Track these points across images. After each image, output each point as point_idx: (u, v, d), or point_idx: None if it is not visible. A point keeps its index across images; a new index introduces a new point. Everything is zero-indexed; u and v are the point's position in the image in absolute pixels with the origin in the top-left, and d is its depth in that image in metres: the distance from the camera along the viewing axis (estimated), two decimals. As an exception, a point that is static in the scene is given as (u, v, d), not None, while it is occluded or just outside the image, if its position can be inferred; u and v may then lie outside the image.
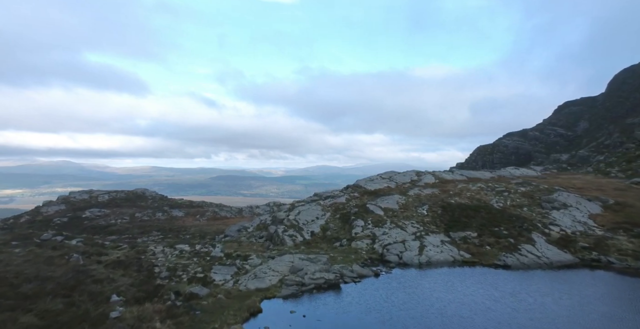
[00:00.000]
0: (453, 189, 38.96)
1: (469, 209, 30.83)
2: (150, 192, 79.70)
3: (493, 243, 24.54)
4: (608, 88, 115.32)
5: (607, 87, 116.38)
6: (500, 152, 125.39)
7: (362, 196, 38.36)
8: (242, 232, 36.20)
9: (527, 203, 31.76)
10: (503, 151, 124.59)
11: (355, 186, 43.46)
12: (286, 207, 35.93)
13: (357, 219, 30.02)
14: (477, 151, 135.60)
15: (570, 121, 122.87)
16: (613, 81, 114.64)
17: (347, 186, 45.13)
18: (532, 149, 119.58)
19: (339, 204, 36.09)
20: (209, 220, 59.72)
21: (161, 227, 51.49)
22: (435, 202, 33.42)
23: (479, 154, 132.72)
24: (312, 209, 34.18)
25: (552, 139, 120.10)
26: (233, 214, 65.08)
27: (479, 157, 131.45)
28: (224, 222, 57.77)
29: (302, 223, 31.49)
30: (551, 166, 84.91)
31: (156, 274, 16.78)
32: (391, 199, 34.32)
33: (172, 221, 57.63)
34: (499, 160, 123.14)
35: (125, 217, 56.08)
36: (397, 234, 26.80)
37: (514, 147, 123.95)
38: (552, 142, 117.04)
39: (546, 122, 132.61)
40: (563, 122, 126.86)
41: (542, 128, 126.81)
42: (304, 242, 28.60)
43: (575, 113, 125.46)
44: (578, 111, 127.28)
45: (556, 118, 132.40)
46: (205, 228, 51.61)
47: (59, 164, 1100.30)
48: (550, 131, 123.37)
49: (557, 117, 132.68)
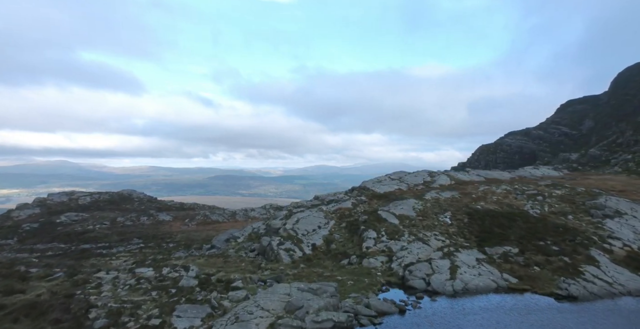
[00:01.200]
0: (474, 192, 33.83)
1: (501, 217, 25.68)
2: (138, 193, 74.30)
3: (542, 262, 19.38)
4: (612, 86, 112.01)
5: (612, 86, 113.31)
6: (503, 152, 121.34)
7: (371, 200, 33.19)
8: (231, 242, 30.94)
9: (570, 210, 26.63)
10: (506, 150, 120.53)
11: (361, 188, 38.25)
12: (282, 213, 30.67)
13: (368, 230, 24.79)
14: (479, 150, 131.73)
15: (574, 120, 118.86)
16: (617, 79, 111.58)
17: (353, 188, 39.92)
18: (536, 148, 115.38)
19: (344, 210, 30.87)
20: (199, 225, 54.42)
21: (144, 233, 46.17)
22: (459, 208, 28.26)
23: (482, 153, 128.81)
24: (313, 217, 28.97)
25: (557, 138, 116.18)
26: (225, 217, 59.80)
27: (481, 156, 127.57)
28: (215, 227, 52.49)
29: (302, 234, 26.29)
30: (560, 166, 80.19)
31: (88, 324, 11.54)
32: (406, 205, 29.14)
33: (157, 226, 52.30)
34: (502, 160, 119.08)
35: (106, 222, 50.71)
36: (418, 249, 21.61)
37: (517, 146, 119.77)
38: (557, 141, 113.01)
39: (549, 121, 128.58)
40: (567, 121, 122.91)
41: (545, 127, 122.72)
42: (304, 258, 23.37)
43: (579, 112, 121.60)
44: (582, 110, 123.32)
45: (560, 117, 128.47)
46: (193, 234, 46.34)
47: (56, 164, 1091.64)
48: (555, 130, 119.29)
49: (561, 116, 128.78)
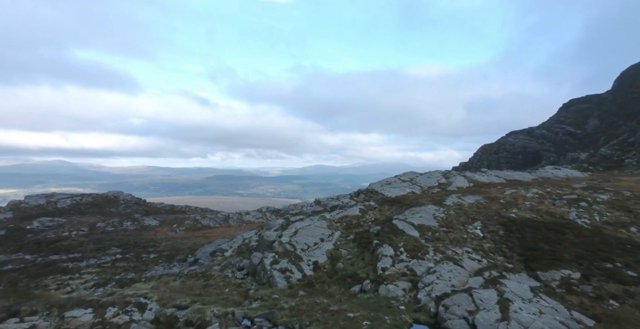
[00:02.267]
0: (501, 196, 29.11)
1: (544, 229, 20.95)
2: (125, 195, 69.34)
3: (620, 294, 14.64)
4: (617, 85, 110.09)
5: (615, 84, 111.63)
6: (506, 151, 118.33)
7: (382, 206, 28.43)
8: (217, 257, 26.10)
9: (628, 220, 21.86)
10: (509, 150, 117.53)
11: (369, 191, 33.48)
12: (278, 223, 25.82)
13: (382, 245, 19.99)
14: (481, 150, 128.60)
15: (578, 119, 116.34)
16: (621, 78, 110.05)
17: (359, 191, 35.15)
18: (540, 148, 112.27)
19: (351, 218, 26.11)
20: (187, 231, 49.57)
21: (124, 241, 41.30)
22: (489, 216, 23.55)
23: (484, 153, 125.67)
24: (315, 227, 24.18)
25: (561, 137, 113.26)
26: (218, 222, 54.96)
27: (483, 156, 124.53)
28: (205, 233, 47.67)
29: (301, 249, 21.49)
30: (569, 166, 76.49)
31: None
32: (425, 212, 24.40)
33: (141, 232, 47.42)
34: (505, 160, 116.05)
35: (84, 228, 45.80)
36: (450, 272, 16.87)
37: (520, 146, 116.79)
38: (561, 141, 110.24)
39: (553, 120, 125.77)
40: (571, 120, 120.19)
41: (549, 126, 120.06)
42: (304, 281, 18.56)
43: (583, 111, 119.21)
44: (586, 109, 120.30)
45: (563, 116, 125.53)
46: (179, 243, 41.52)
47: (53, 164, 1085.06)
48: (559, 129, 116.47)
49: (565, 115, 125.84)
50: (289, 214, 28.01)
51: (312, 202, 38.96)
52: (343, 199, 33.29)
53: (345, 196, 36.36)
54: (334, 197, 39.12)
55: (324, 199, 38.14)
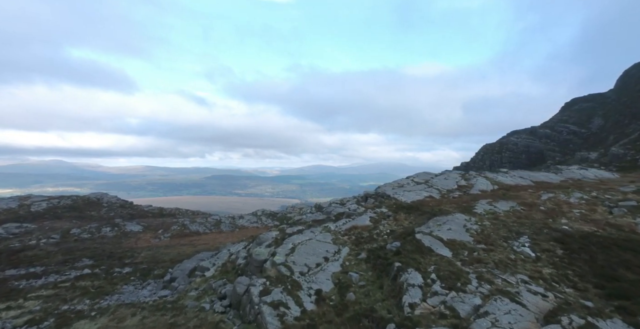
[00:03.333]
0: (538, 201, 24.24)
1: (616, 248, 16.07)
2: (110, 197, 64.20)
3: None
4: (620, 84, 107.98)
5: (618, 83, 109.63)
6: (509, 151, 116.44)
7: (397, 214, 23.52)
8: (196, 277, 21.08)
9: None
10: (512, 150, 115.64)
11: (379, 196, 28.55)
12: (271, 235, 20.76)
13: (406, 269, 15.05)
14: (482, 149, 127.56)
15: (582, 118, 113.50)
16: (624, 77, 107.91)
17: (367, 195, 30.20)
18: (544, 148, 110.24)
19: (361, 229, 21.18)
20: (173, 237, 44.59)
21: (99, 251, 36.28)
22: (536, 229, 18.66)
23: (486, 153, 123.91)
24: (317, 241, 19.25)
25: (565, 136, 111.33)
26: (208, 227, 49.99)
27: (485, 156, 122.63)
28: (192, 241, 42.73)
29: (299, 271, 16.56)
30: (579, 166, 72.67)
31: None
32: (454, 223, 19.51)
33: (121, 239, 42.42)
34: (508, 159, 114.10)
35: (55, 235, 40.75)
36: (508, 314, 11.98)
37: (524, 145, 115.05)
38: (565, 140, 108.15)
39: (556, 119, 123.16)
40: (575, 119, 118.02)
41: (552, 125, 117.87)
42: (303, 322, 13.59)
43: (586, 109, 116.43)
44: (589, 107, 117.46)
45: (567, 115, 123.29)
46: (161, 252, 36.57)
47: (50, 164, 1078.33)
48: (562, 128, 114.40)
49: (568, 114, 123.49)
50: (285, 225, 22.95)
51: (313, 208, 34.04)
52: (349, 204, 28.34)
53: (351, 201, 31.45)
54: (337, 201, 34.16)
55: (326, 205, 33.22)
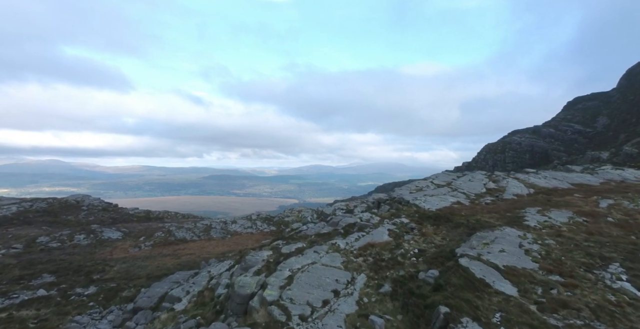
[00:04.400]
0: (599, 210, 19.29)
1: None
2: (92, 199, 58.98)
3: None
4: (624, 82, 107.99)
5: (623, 81, 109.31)
6: (512, 151, 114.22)
7: (422, 226, 18.54)
8: (162, 313, 15.98)
9: None
10: (516, 149, 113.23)
11: (395, 201, 23.55)
12: (262, 258, 15.58)
13: (459, 319, 10.00)
14: (485, 149, 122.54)
15: (587, 117, 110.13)
16: (628, 75, 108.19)
17: (379, 200, 25.18)
18: (548, 147, 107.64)
19: (379, 247, 16.15)
20: (156, 246, 39.49)
21: (65, 264, 31.15)
22: (625, 252, 13.70)
23: (488, 153, 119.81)
24: (323, 266, 14.20)
25: (570, 136, 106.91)
26: (196, 234, 44.88)
27: (488, 155, 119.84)
28: (177, 250, 37.65)
29: (299, 314, 11.47)
30: (591, 166, 68.52)
31: None
32: (505, 241, 14.54)
33: (95, 249, 37.30)
34: (511, 159, 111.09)
35: (18, 244, 35.57)
36: None
37: (527, 145, 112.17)
38: (570, 140, 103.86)
39: (559, 118, 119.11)
40: (579, 118, 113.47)
41: (556, 124, 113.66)
42: None
43: (590, 108, 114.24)
44: (593, 107, 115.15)
45: (570, 114, 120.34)
46: (138, 266, 31.48)
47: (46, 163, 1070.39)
48: (567, 128, 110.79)
49: (572, 113, 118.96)
50: (280, 240, 17.80)
51: (314, 214, 29.04)
52: (358, 211, 23.33)
53: (359, 206, 26.43)
54: (342, 206, 29.18)
55: (329, 210, 28.19)
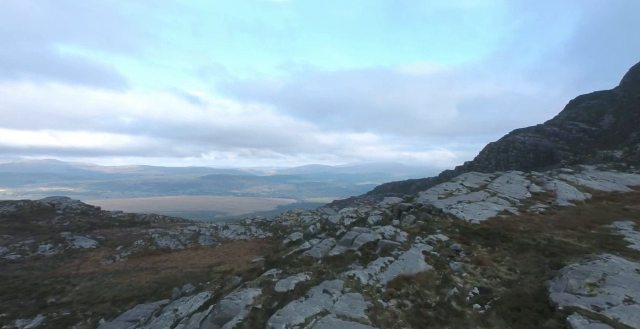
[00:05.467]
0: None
1: None
2: (70, 202, 53.53)
3: None
4: (628, 80, 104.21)
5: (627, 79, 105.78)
6: (516, 150, 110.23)
7: (469, 245, 13.37)
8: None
9: None
10: (519, 148, 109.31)
11: (422, 209, 18.33)
12: (245, 303, 10.47)
13: None
14: (487, 148, 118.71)
15: (591, 115, 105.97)
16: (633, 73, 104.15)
17: (399, 208, 19.91)
18: (553, 146, 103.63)
19: (419, 283, 11.01)
20: (133, 257, 34.19)
21: (17, 283, 25.81)
22: None
23: (491, 152, 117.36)
24: (339, 319, 9.17)
25: (575, 134, 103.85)
26: (182, 242, 39.57)
27: (491, 155, 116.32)
28: (156, 263, 32.36)
29: None
30: (605, 165, 63.86)
31: None
32: (623, 280, 9.37)
33: (60, 262, 31.98)
34: (515, 159, 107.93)
35: (-32, 257, 30.28)
36: None
37: (531, 144, 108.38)
38: (575, 139, 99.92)
39: (563, 116, 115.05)
40: (584, 116, 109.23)
41: (560, 123, 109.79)
42: None
43: (594, 107, 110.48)
44: (597, 105, 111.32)
45: (574, 113, 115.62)
46: (105, 285, 26.19)
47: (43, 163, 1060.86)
48: (572, 126, 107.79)
49: (575, 112, 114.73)
50: (274, 270, 12.49)
51: (315, 219, 23.93)
52: (375, 223, 18.12)
53: (373, 214, 21.22)
54: (350, 214, 24.01)
55: (336, 219, 22.92)
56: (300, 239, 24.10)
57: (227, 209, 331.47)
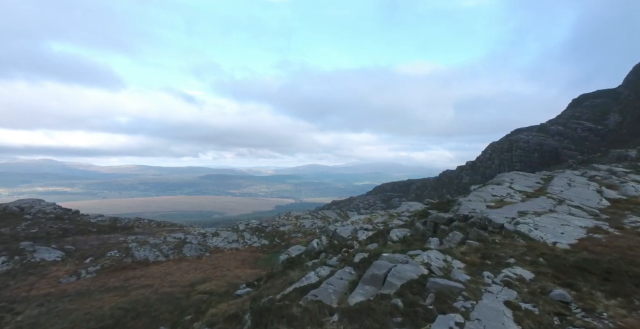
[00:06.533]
0: None
1: None
2: (44, 205, 47.96)
3: None
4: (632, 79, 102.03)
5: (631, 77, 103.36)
6: (520, 149, 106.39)
7: (579, 290, 8.23)
8: None
9: None
10: (523, 148, 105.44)
11: (474, 224, 13.13)
12: None
13: None
14: (490, 148, 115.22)
15: (597, 114, 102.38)
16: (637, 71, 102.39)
17: (435, 220, 14.69)
18: (558, 146, 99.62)
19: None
20: (103, 272, 28.80)
21: (-55, 311, 20.45)
22: None
23: (494, 151, 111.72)
24: None
25: (580, 133, 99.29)
26: (163, 252, 34.18)
27: (494, 155, 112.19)
28: (128, 280, 26.99)
29: None
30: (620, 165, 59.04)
31: None
32: None
33: (11, 280, 26.54)
34: (519, 158, 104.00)
35: None
36: None
37: (536, 143, 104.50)
38: (581, 138, 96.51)
39: (567, 115, 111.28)
40: (589, 115, 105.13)
41: (564, 122, 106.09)
42: None
43: (599, 105, 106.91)
44: (602, 103, 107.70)
45: (579, 112, 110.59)
46: (56, 312, 20.89)
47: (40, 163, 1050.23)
48: (577, 125, 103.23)
49: (580, 111, 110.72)
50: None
51: (322, 238, 18.77)
52: (405, 241, 12.93)
53: (395, 226, 16.02)
54: (364, 224, 18.85)
55: (347, 232, 17.62)
56: (302, 257, 18.85)
57: (224, 209, 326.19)
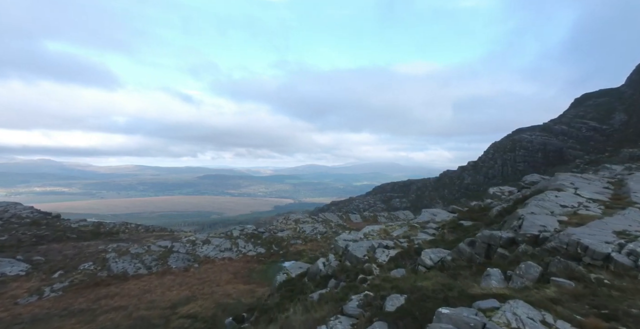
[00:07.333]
0: None
1: None
2: (21, 209, 43.81)
3: None
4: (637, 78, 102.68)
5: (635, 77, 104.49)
6: (523, 149, 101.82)
7: None
8: None
9: None
10: (527, 148, 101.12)
11: (556, 250, 9.15)
12: None
13: None
14: (492, 148, 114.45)
15: (601, 113, 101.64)
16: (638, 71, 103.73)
17: (489, 241, 10.73)
18: (562, 145, 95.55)
19: None
20: (71, 290, 24.70)
21: None
22: None
23: (496, 151, 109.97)
24: None
25: (584, 133, 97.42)
26: (145, 264, 30.10)
27: (497, 155, 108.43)
28: (99, 299, 22.89)
29: None
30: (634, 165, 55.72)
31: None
32: None
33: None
34: (523, 158, 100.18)
35: None
36: None
37: (540, 143, 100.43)
38: (585, 137, 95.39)
39: (570, 115, 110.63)
40: (593, 114, 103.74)
41: (568, 121, 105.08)
42: None
43: (603, 105, 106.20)
44: (606, 103, 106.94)
45: (582, 111, 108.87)
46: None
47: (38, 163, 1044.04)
48: (581, 125, 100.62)
49: (583, 110, 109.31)
50: None
51: (330, 257, 14.81)
52: (443, 266, 9.02)
53: (430, 247, 11.99)
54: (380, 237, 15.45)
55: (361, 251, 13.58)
56: (304, 281, 14.94)
57: (223, 210, 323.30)
